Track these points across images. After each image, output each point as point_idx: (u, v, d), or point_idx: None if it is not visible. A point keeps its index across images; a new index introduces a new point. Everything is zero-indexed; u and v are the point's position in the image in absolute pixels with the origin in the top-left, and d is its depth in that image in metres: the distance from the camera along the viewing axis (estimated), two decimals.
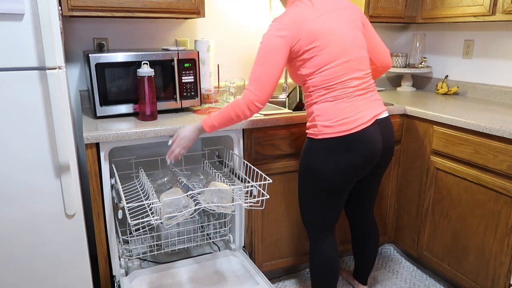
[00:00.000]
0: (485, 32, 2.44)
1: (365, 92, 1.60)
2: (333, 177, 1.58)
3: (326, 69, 1.53)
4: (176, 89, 1.96)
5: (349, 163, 1.56)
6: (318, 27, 1.51)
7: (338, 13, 1.57)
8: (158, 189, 1.85)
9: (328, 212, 1.69)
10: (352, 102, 1.56)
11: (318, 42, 1.51)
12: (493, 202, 1.80)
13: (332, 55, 1.53)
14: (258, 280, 1.83)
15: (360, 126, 1.54)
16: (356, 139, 1.54)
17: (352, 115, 1.54)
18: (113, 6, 1.84)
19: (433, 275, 2.30)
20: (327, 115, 1.55)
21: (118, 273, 1.86)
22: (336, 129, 1.54)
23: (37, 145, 1.51)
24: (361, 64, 1.59)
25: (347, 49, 1.55)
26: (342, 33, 1.55)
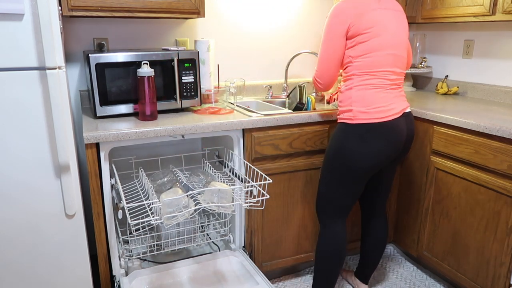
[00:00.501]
0: (485, 32, 2.44)
1: (398, 87, 1.74)
2: (363, 160, 1.67)
3: (373, 56, 1.66)
4: (176, 89, 1.96)
5: (379, 148, 1.66)
6: (377, 17, 1.65)
7: (395, 14, 1.72)
8: (158, 189, 1.85)
9: (351, 195, 1.78)
10: (387, 93, 1.69)
11: (374, 29, 1.64)
12: (493, 202, 1.80)
13: (382, 45, 1.66)
14: (258, 280, 1.83)
15: (392, 116, 1.67)
16: (388, 127, 1.66)
17: (387, 105, 1.67)
18: (113, 6, 1.84)
19: (433, 275, 2.30)
20: (364, 101, 1.67)
21: (118, 273, 1.86)
22: (372, 115, 1.65)
23: (37, 145, 1.51)
24: (401, 62, 1.73)
25: (395, 44, 1.69)
26: (395, 30, 1.69)
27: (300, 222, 2.16)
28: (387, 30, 1.67)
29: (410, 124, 1.77)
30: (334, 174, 1.76)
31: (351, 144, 1.68)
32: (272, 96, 2.54)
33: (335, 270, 1.85)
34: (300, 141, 2.01)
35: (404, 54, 1.74)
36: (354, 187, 1.76)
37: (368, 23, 1.64)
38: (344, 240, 1.83)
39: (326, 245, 1.83)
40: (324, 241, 1.84)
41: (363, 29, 1.64)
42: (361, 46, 1.66)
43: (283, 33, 2.61)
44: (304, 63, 2.71)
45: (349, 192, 1.77)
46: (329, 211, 1.83)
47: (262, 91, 2.62)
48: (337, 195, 1.78)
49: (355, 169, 1.70)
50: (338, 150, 1.72)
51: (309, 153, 2.07)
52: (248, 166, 1.89)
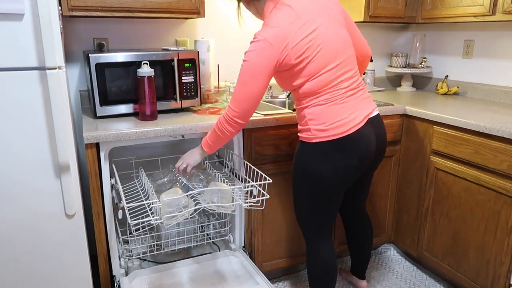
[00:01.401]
0: (485, 32, 2.44)
1: (356, 91, 1.58)
2: (330, 180, 1.56)
3: (318, 76, 1.51)
4: (176, 89, 1.96)
5: (346, 165, 1.55)
6: (305, 38, 1.46)
7: (321, 14, 1.51)
8: (158, 189, 1.85)
9: (325, 215, 1.68)
10: (344, 103, 1.54)
11: (307, 53, 1.47)
12: (493, 202, 1.80)
13: (323, 62, 1.50)
14: (258, 280, 1.83)
15: (355, 127, 1.53)
16: (351, 140, 1.53)
17: (346, 116, 1.53)
18: (113, 6, 1.84)
19: (433, 275, 2.30)
20: (321, 118, 1.53)
21: (118, 273, 1.86)
22: (330, 132, 1.52)
23: (37, 145, 1.51)
24: (350, 64, 1.57)
25: (337, 52, 1.52)
26: (329, 36, 1.50)
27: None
28: (323, 43, 1.48)
29: (378, 128, 1.64)
30: (305, 196, 1.65)
31: (315, 164, 1.56)
32: (272, 96, 2.54)
33: (329, 284, 1.75)
34: None
35: (350, 51, 1.58)
36: (330, 205, 1.65)
37: (298, 50, 1.46)
38: (332, 256, 1.73)
39: (314, 264, 1.74)
40: (312, 263, 1.74)
41: (295, 58, 1.47)
42: (301, 74, 1.50)
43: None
44: None
45: (325, 212, 1.67)
46: (312, 233, 1.72)
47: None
48: (315, 216, 1.68)
49: (326, 189, 1.59)
50: (305, 171, 1.61)
51: None
52: (248, 166, 1.89)
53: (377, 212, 2.36)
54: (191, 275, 1.90)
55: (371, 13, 2.43)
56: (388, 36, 2.91)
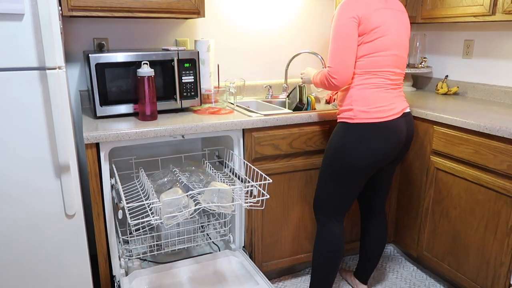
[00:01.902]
0: (485, 32, 2.44)
1: (398, 87, 1.75)
2: (362, 160, 1.68)
3: (378, 55, 1.65)
4: (176, 89, 1.96)
5: (378, 148, 1.67)
6: (383, 16, 1.64)
7: (399, 14, 1.71)
8: (158, 189, 1.85)
9: (347, 196, 1.78)
10: (387, 93, 1.69)
11: (380, 29, 1.63)
12: (493, 202, 1.80)
13: (387, 45, 1.65)
14: (258, 280, 1.83)
15: (392, 116, 1.67)
16: (388, 127, 1.66)
17: (387, 105, 1.67)
18: (113, 6, 1.84)
19: (433, 275, 2.30)
20: (366, 101, 1.66)
21: (118, 273, 1.86)
22: (372, 115, 1.65)
23: (37, 145, 1.51)
24: (401, 63, 1.73)
25: (398, 45, 1.69)
26: (396, 30, 1.68)
27: (300, 222, 2.16)
28: (392, 30, 1.66)
29: (409, 124, 1.77)
30: (333, 173, 1.76)
31: (351, 143, 1.68)
32: (272, 96, 2.54)
33: (333, 270, 1.84)
34: (300, 141, 2.01)
35: (405, 55, 1.75)
36: (353, 186, 1.76)
37: (375, 22, 1.63)
38: (341, 240, 1.83)
39: (324, 245, 1.83)
40: (321, 240, 1.84)
41: (369, 28, 1.63)
42: (366, 46, 1.65)
43: (283, 33, 2.61)
44: (304, 63, 2.71)
45: (348, 192, 1.77)
46: (327, 210, 1.82)
47: (262, 91, 2.62)
48: (336, 194, 1.78)
49: (354, 169, 1.70)
50: (338, 149, 1.72)
51: (309, 153, 2.07)
52: (248, 166, 1.89)
53: None
54: (191, 275, 1.90)
55: None
56: None
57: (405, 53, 1.74)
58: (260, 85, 2.60)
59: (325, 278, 1.85)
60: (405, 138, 1.75)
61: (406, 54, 1.76)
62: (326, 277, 1.85)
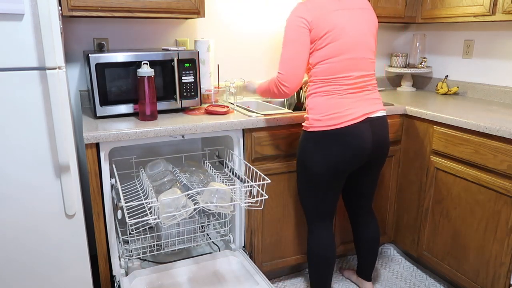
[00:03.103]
0: (485, 32, 2.44)
1: (360, 91, 1.67)
2: (319, 168, 1.67)
3: (328, 62, 1.61)
4: (176, 89, 1.96)
5: (334, 156, 1.64)
6: (336, 19, 1.58)
7: (358, 13, 1.64)
8: (158, 189, 1.85)
9: (320, 201, 1.77)
10: (342, 99, 1.63)
11: (331, 33, 1.58)
12: (493, 202, 1.80)
13: (338, 50, 1.60)
14: (258, 280, 1.83)
15: (348, 122, 1.61)
16: (342, 134, 1.62)
17: (341, 111, 1.62)
18: (113, 6, 1.84)
19: (433, 275, 2.30)
20: (318, 109, 1.64)
21: (118, 273, 1.86)
22: (324, 123, 1.62)
23: (37, 145, 1.51)
24: (364, 65, 1.66)
25: (354, 47, 1.62)
26: (356, 31, 1.62)
27: (300, 222, 2.16)
28: (346, 33, 1.59)
29: (379, 128, 1.69)
30: (303, 181, 1.77)
31: (307, 152, 1.69)
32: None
33: (326, 272, 1.85)
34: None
35: (368, 55, 1.66)
36: (325, 192, 1.74)
37: (325, 27, 1.57)
38: (330, 243, 1.82)
39: (313, 249, 1.84)
40: (310, 246, 1.85)
41: (320, 34, 1.58)
42: (318, 53, 1.61)
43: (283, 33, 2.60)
44: None
45: (323, 198, 1.76)
46: (311, 216, 1.83)
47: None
48: (311, 202, 1.79)
49: (317, 176, 1.69)
50: (299, 157, 1.75)
51: None
52: (248, 166, 1.89)
53: (377, 212, 2.36)
54: (191, 275, 1.90)
55: None
56: (388, 36, 2.91)
57: (367, 53, 1.66)
58: None
59: (320, 280, 1.87)
60: (371, 144, 1.67)
61: (370, 53, 1.67)
62: (321, 279, 1.87)
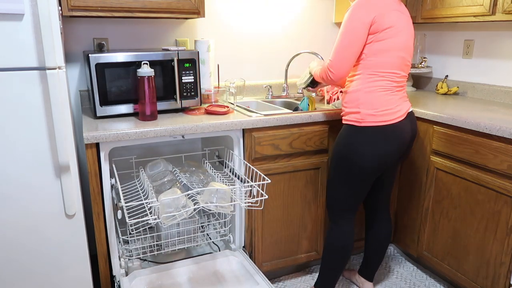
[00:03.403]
0: (485, 32, 2.44)
1: (402, 89, 1.77)
2: (370, 162, 1.71)
3: (386, 56, 1.67)
4: (176, 89, 1.96)
5: (386, 150, 1.70)
6: (396, 18, 1.66)
7: (407, 19, 1.74)
8: (158, 189, 1.85)
9: (357, 195, 1.82)
10: (393, 95, 1.71)
11: (392, 29, 1.65)
12: (493, 202, 1.80)
13: (395, 46, 1.67)
14: (258, 280, 1.83)
15: (398, 118, 1.70)
16: (394, 130, 1.70)
17: (393, 107, 1.70)
18: (113, 6, 1.84)
19: (433, 275, 2.30)
20: (372, 104, 1.69)
21: (118, 273, 1.86)
22: (379, 118, 1.68)
23: (37, 145, 1.51)
24: (406, 66, 1.75)
25: (405, 47, 1.71)
26: (407, 35, 1.72)
27: (300, 222, 2.16)
28: (402, 32, 1.68)
29: (413, 124, 1.81)
30: (341, 175, 1.80)
31: (359, 146, 1.71)
32: (272, 96, 2.54)
33: (341, 265, 1.91)
34: (300, 141, 2.01)
35: (410, 59, 1.77)
36: (361, 187, 1.80)
37: (388, 22, 1.64)
38: (351, 237, 1.89)
39: (334, 241, 1.89)
40: (332, 237, 1.90)
41: (382, 27, 1.64)
42: (377, 45, 1.66)
43: (283, 33, 2.61)
44: (304, 63, 2.71)
45: (356, 192, 1.81)
46: (338, 209, 1.88)
47: (262, 91, 2.62)
48: (344, 194, 1.83)
49: (363, 170, 1.74)
50: (346, 151, 1.75)
51: (309, 153, 2.07)
52: (248, 166, 1.89)
53: None
54: (191, 275, 1.90)
55: None
56: None
57: (410, 57, 1.76)
58: (260, 85, 2.60)
59: (333, 273, 1.93)
60: (410, 138, 1.79)
61: (411, 58, 1.79)
62: (334, 272, 1.92)
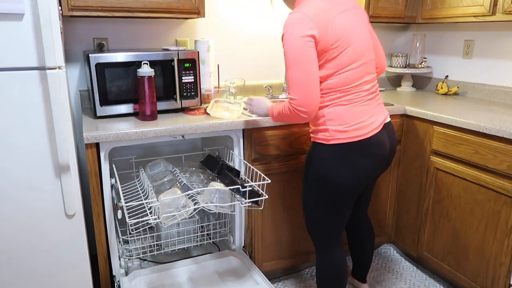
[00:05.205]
0: (485, 32, 2.44)
1: (374, 96, 1.58)
2: (346, 183, 1.53)
3: (346, 71, 1.48)
4: (176, 89, 1.96)
5: (363, 168, 1.52)
6: (341, 25, 1.44)
7: (354, 12, 1.52)
8: (158, 189, 1.85)
9: (338, 221, 1.64)
10: (365, 106, 1.52)
11: (340, 41, 1.44)
12: (493, 202, 1.80)
13: (352, 57, 1.48)
14: (258, 280, 1.83)
15: (373, 131, 1.52)
16: (369, 144, 1.51)
17: (366, 119, 1.51)
18: (113, 6, 1.84)
19: (433, 275, 2.30)
20: (341, 119, 1.49)
21: (118, 273, 1.86)
22: (350, 134, 1.49)
23: (37, 145, 1.51)
24: (371, 67, 1.57)
25: (363, 51, 1.52)
26: (359, 34, 1.51)
27: (300, 222, 2.16)
28: (354, 37, 1.48)
29: (391, 135, 1.63)
30: (319, 199, 1.61)
31: (330, 168, 1.52)
32: (272, 96, 2.54)
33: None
34: (300, 141, 2.01)
35: (373, 55, 1.58)
36: (342, 209, 1.61)
37: (333, 35, 1.42)
38: (342, 261, 1.70)
39: (325, 270, 1.71)
40: (322, 267, 1.71)
41: (329, 44, 1.43)
42: (331, 64, 1.46)
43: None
44: None
45: (338, 216, 1.63)
46: (321, 238, 1.69)
47: (262, 91, 2.62)
48: (327, 222, 1.64)
49: (340, 192, 1.55)
50: (319, 174, 1.56)
51: None
52: (248, 166, 1.89)
53: (377, 212, 2.36)
54: (191, 275, 1.90)
55: (371, 13, 2.43)
56: (388, 36, 2.91)
57: (372, 54, 1.57)
58: (260, 85, 2.60)
59: None
60: (389, 150, 1.61)
61: (373, 52, 1.59)
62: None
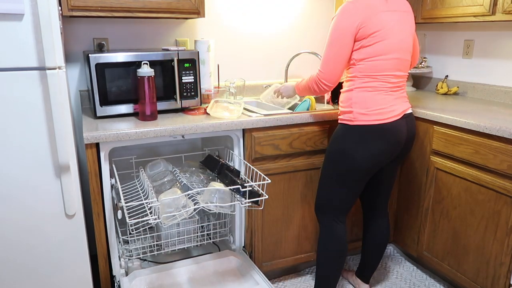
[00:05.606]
0: (485, 32, 2.44)
1: (399, 89, 1.75)
2: (362, 161, 1.69)
3: (377, 59, 1.66)
4: (176, 89, 1.96)
5: (378, 150, 1.69)
6: (384, 19, 1.64)
7: (402, 15, 1.71)
8: (159, 189, 1.85)
9: (348, 196, 1.80)
10: (387, 96, 1.70)
11: (380, 32, 1.63)
12: (493, 202, 1.80)
13: (387, 49, 1.66)
14: (258, 280, 1.83)
15: (392, 118, 1.69)
16: (386, 129, 1.68)
17: (386, 107, 1.69)
18: (113, 6, 1.84)
19: (433, 275, 2.30)
20: (365, 104, 1.68)
21: (118, 273, 1.86)
22: (371, 117, 1.67)
23: (37, 145, 1.51)
24: (403, 66, 1.73)
25: (399, 48, 1.69)
26: (399, 33, 1.68)
27: (300, 222, 2.16)
28: (393, 33, 1.66)
29: (410, 125, 1.78)
30: (334, 174, 1.78)
31: (350, 145, 1.70)
32: (272, 96, 2.54)
33: (337, 270, 1.86)
34: (300, 141, 2.01)
35: (408, 57, 1.74)
36: (354, 187, 1.78)
37: (375, 26, 1.62)
38: (344, 240, 1.84)
39: (327, 245, 1.84)
40: (325, 241, 1.85)
41: (370, 32, 1.62)
42: (366, 50, 1.65)
43: (283, 33, 2.61)
44: (304, 63, 2.71)
45: (349, 192, 1.79)
46: (329, 211, 1.84)
47: (262, 91, 2.62)
48: (337, 195, 1.80)
49: (355, 170, 1.72)
50: (338, 150, 1.74)
51: (309, 153, 2.07)
52: (248, 166, 1.89)
53: None
54: (191, 275, 1.90)
55: None
56: None
57: (408, 55, 1.74)
58: (260, 85, 2.60)
59: (329, 278, 1.87)
60: (405, 139, 1.76)
61: (410, 55, 1.75)
62: (330, 277, 1.87)
